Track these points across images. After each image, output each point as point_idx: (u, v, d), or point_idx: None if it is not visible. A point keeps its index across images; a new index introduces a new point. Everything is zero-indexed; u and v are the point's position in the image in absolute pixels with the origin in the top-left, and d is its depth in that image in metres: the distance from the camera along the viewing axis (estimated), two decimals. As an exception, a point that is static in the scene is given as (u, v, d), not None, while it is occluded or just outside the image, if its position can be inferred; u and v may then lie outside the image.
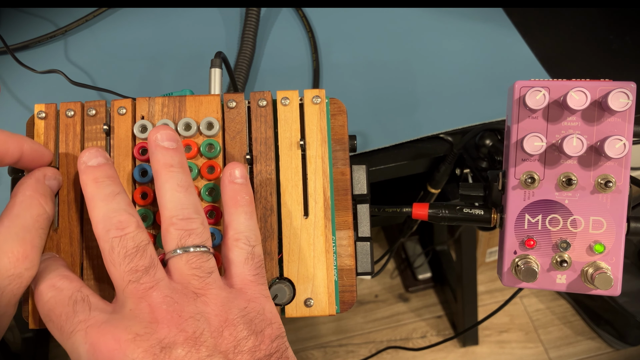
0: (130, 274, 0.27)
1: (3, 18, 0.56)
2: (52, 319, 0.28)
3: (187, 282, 0.28)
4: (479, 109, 0.49)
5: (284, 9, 0.57)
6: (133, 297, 0.27)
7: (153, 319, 0.26)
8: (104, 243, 0.28)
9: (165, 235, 0.29)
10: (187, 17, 0.56)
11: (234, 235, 0.31)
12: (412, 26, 0.55)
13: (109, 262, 0.28)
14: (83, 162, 0.30)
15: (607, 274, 0.34)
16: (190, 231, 0.29)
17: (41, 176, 0.32)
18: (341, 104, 0.36)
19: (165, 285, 0.28)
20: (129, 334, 0.26)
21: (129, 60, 0.53)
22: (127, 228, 0.28)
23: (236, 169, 0.32)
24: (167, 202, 0.30)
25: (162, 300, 0.27)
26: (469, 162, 0.47)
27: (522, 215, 0.35)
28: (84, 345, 0.26)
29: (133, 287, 0.27)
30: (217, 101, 0.35)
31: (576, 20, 0.56)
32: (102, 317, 0.27)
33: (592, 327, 1.24)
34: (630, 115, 0.33)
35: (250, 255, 0.30)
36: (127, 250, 0.28)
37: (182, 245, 0.29)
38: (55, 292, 0.28)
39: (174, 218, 0.29)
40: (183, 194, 0.30)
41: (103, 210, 0.29)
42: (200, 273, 0.28)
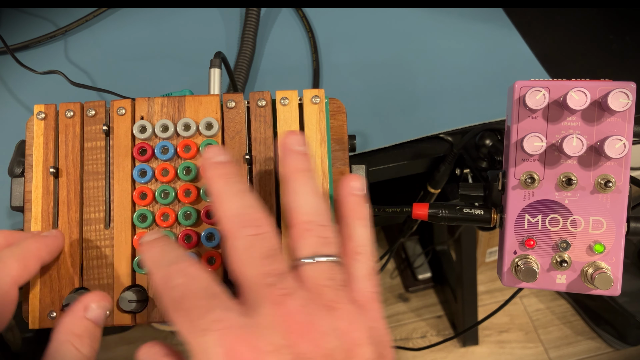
0: (267, 277, 0.26)
1: (3, 18, 0.56)
2: (182, 308, 0.25)
3: (321, 293, 0.27)
4: (479, 109, 0.49)
5: (284, 9, 0.57)
6: (268, 303, 0.25)
7: (290, 330, 0.25)
8: (237, 240, 0.27)
9: (299, 240, 0.28)
10: (187, 17, 0.56)
11: (355, 248, 0.29)
12: (412, 26, 0.55)
13: (242, 260, 0.26)
14: (208, 158, 0.29)
15: (607, 274, 0.34)
16: (327, 239, 0.28)
17: (80, 310, 0.29)
18: (340, 103, 0.36)
19: (300, 294, 0.26)
20: (268, 345, 0.24)
21: (128, 60, 0.53)
22: (263, 227, 0.27)
23: (355, 181, 0.31)
24: (303, 205, 0.28)
25: (298, 310, 0.25)
26: (469, 162, 0.47)
27: (522, 215, 0.35)
28: (217, 349, 0.24)
29: (269, 291, 0.26)
30: (216, 101, 0.35)
31: (576, 20, 0.56)
32: (238, 321, 0.25)
33: (592, 327, 1.24)
34: (630, 115, 0.33)
35: (371, 271, 0.29)
36: (264, 252, 0.26)
37: (319, 253, 0.27)
38: (187, 279, 0.26)
39: (312, 223, 0.28)
40: (319, 200, 0.29)
41: (236, 206, 0.27)
42: (335, 285, 0.27)
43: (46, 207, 0.34)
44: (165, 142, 0.34)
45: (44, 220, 0.34)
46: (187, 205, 0.34)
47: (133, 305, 0.33)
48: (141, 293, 0.33)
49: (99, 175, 0.35)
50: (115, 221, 0.34)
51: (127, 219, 0.34)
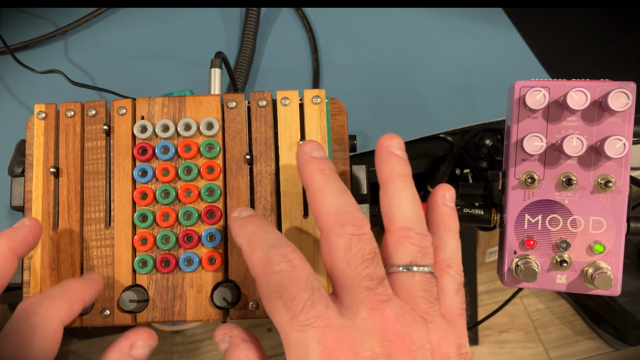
0: (367, 280, 0.25)
1: (3, 18, 0.56)
2: (282, 297, 0.25)
3: (416, 304, 0.26)
4: (479, 109, 0.49)
5: (284, 9, 0.57)
6: (367, 307, 0.25)
7: (386, 338, 0.25)
8: (338, 237, 0.26)
9: (397, 247, 0.27)
10: (187, 17, 0.56)
11: (445, 261, 0.29)
12: (412, 26, 0.55)
13: (341, 259, 0.26)
14: (306, 152, 0.29)
15: (607, 274, 0.34)
16: (425, 249, 0.28)
17: (127, 347, 0.28)
18: (341, 104, 0.36)
19: (396, 302, 0.26)
20: (367, 351, 0.24)
21: (129, 60, 0.53)
22: (364, 227, 0.26)
23: (448, 192, 0.31)
24: (403, 211, 0.28)
25: (395, 319, 0.25)
26: (469, 162, 0.47)
27: (522, 215, 0.35)
28: (317, 346, 0.24)
29: (368, 295, 0.25)
30: (217, 101, 0.35)
31: (576, 20, 0.56)
32: (338, 321, 0.25)
33: (592, 327, 1.24)
34: (630, 115, 0.33)
35: (460, 287, 0.29)
36: (365, 254, 0.26)
37: (416, 263, 0.27)
38: (289, 266, 0.25)
39: (411, 231, 0.27)
40: (418, 207, 0.28)
41: (335, 203, 0.27)
42: (430, 297, 0.27)
43: (46, 206, 0.34)
44: (165, 142, 0.35)
45: (44, 220, 0.34)
46: (187, 205, 0.34)
47: (133, 305, 0.33)
48: (141, 293, 0.33)
49: (100, 175, 0.35)
50: (115, 221, 0.34)
51: (127, 219, 0.34)
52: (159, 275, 0.34)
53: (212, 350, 1.17)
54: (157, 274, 0.34)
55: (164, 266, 0.33)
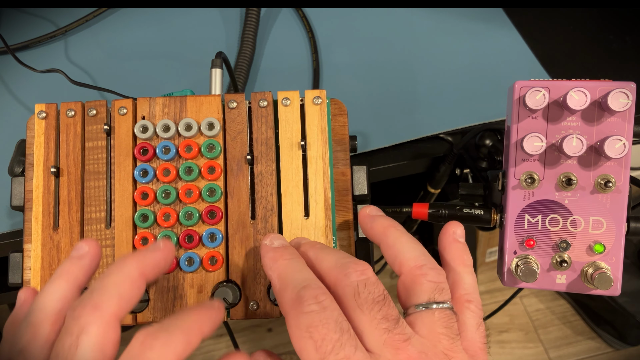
0: (384, 322, 0.26)
1: (3, 18, 0.56)
2: (312, 337, 0.25)
3: (437, 341, 0.27)
4: (479, 109, 0.49)
5: (284, 9, 0.57)
6: (389, 347, 0.25)
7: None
8: (345, 287, 0.27)
9: (413, 287, 0.28)
10: (187, 17, 0.56)
11: (465, 296, 0.30)
12: (412, 26, 0.55)
13: (353, 306, 0.26)
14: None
15: (607, 274, 0.34)
16: (441, 284, 0.28)
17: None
18: (342, 104, 0.36)
19: (418, 340, 0.26)
20: None
21: (129, 60, 0.53)
22: (367, 271, 0.27)
23: (457, 228, 0.32)
24: (409, 252, 0.29)
25: (418, 356, 0.25)
26: (469, 162, 0.48)
27: (522, 215, 0.35)
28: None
29: (388, 336, 0.26)
30: (217, 101, 0.35)
31: (576, 20, 0.56)
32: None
33: (592, 327, 1.24)
34: (630, 115, 0.34)
35: (481, 321, 0.29)
36: (375, 296, 0.26)
37: (435, 300, 0.27)
38: (319, 307, 0.26)
39: (424, 267, 0.28)
40: (421, 246, 0.29)
41: (334, 258, 0.28)
42: (451, 334, 0.27)
43: (47, 206, 0.34)
44: (166, 142, 0.35)
45: (44, 219, 0.34)
46: (188, 205, 0.34)
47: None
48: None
49: (100, 174, 0.35)
50: (116, 221, 0.34)
51: (128, 219, 0.34)
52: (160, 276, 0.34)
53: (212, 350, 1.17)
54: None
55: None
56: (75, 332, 0.25)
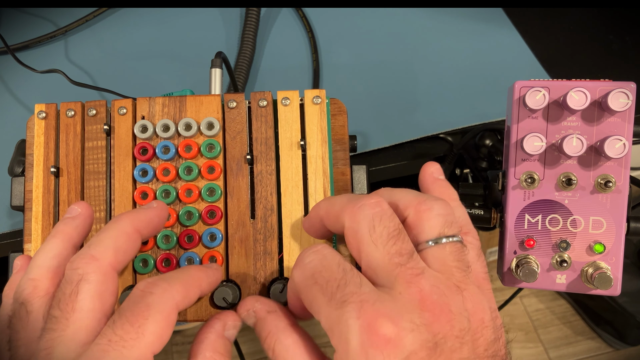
0: (397, 256, 0.26)
1: (3, 18, 0.56)
2: (317, 282, 0.25)
3: (450, 274, 0.26)
4: (479, 109, 0.49)
5: (284, 9, 0.57)
6: (401, 281, 0.25)
7: (424, 308, 0.25)
8: (361, 221, 0.26)
9: (421, 223, 0.27)
10: (187, 17, 0.56)
11: (461, 230, 0.29)
12: (412, 26, 0.55)
13: (368, 242, 0.26)
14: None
15: (607, 274, 0.34)
16: (449, 217, 0.27)
17: (221, 329, 0.29)
18: (341, 104, 0.36)
19: (430, 274, 0.26)
20: (407, 322, 0.24)
21: (129, 60, 0.53)
22: (381, 203, 0.27)
23: (433, 167, 0.32)
24: (406, 194, 0.28)
25: (431, 290, 0.25)
26: (469, 162, 0.48)
27: (522, 215, 0.35)
28: (356, 320, 0.24)
29: (401, 270, 0.25)
30: (217, 101, 0.35)
31: (576, 20, 0.56)
32: (374, 295, 0.25)
33: (592, 327, 1.24)
34: (630, 115, 0.34)
35: (480, 251, 0.29)
36: (390, 231, 0.26)
37: (445, 234, 0.27)
38: (319, 256, 0.26)
39: (428, 201, 0.27)
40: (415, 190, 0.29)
41: (346, 197, 0.28)
42: (463, 266, 0.27)
43: (47, 206, 0.34)
44: (166, 141, 0.35)
45: (44, 219, 0.34)
46: (188, 205, 0.34)
47: (134, 304, 0.33)
48: (142, 293, 0.33)
49: (100, 174, 0.35)
50: (116, 221, 0.34)
51: (127, 219, 0.34)
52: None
53: (212, 350, 1.17)
54: (158, 274, 0.34)
55: (165, 266, 0.34)
56: (75, 280, 0.26)
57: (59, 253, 0.30)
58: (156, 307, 0.26)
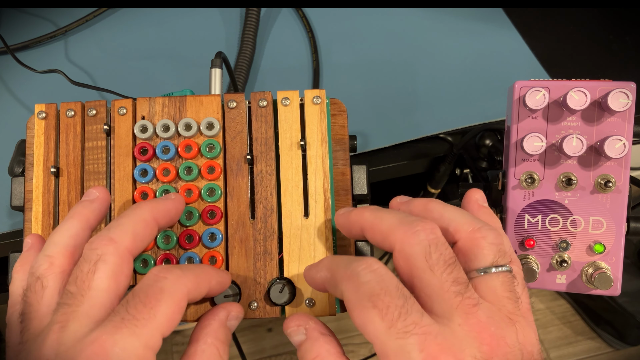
0: (455, 285, 0.25)
1: (3, 18, 0.56)
2: (376, 306, 0.24)
3: (502, 305, 0.26)
4: (479, 109, 0.49)
5: (284, 9, 0.57)
6: (460, 312, 0.25)
7: (483, 342, 0.24)
8: (415, 246, 0.26)
9: (475, 251, 0.27)
10: (187, 17, 0.56)
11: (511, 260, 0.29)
12: (412, 26, 0.55)
13: (424, 268, 0.25)
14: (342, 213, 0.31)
15: (607, 274, 0.34)
16: (502, 247, 0.27)
17: (224, 318, 0.30)
18: (341, 104, 0.36)
19: (485, 305, 0.26)
20: (468, 357, 0.24)
21: (129, 60, 0.53)
22: (436, 231, 0.26)
23: (479, 194, 0.32)
24: (461, 217, 0.28)
25: (488, 322, 0.25)
26: (469, 162, 0.48)
27: (522, 215, 0.35)
28: (419, 354, 0.23)
29: (459, 300, 0.25)
30: (217, 101, 0.35)
31: (576, 20, 0.56)
32: (436, 328, 0.24)
33: (592, 327, 1.24)
34: (630, 115, 0.34)
35: (524, 281, 0.29)
36: (447, 259, 0.25)
37: (497, 264, 0.27)
38: (376, 276, 0.25)
39: (482, 229, 0.27)
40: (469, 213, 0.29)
41: (395, 217, 0.27)
42: (514, 297, 0.27)
43: (47, 206, 0.34)
44: (166, 142, 0.35)
45: (44, 219, 0.34)
46: (188, 205, 0.34)
47: (134, 304, 0.33)
48: (142, 293, 0.33)
49: (100, 175, 0.35)
50: (116, 221, 0.34)
51: (127, 219, 0.34)
52: (160, 275, 0.34)
53: (212, 350, 1.17)
54: (158, 274, 0.34)
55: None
56: (94, 260, 0.27)
57: (76, 233, 0.30)
58: (169, 291, 0.26)
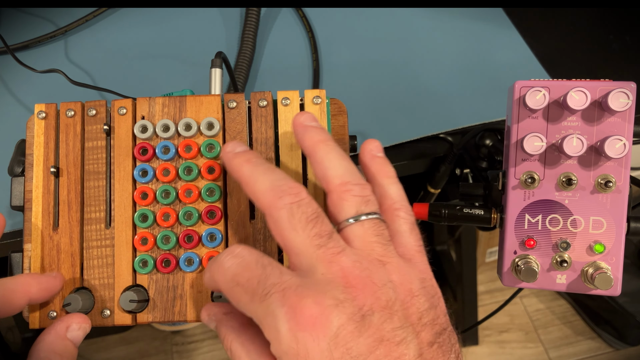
0: (317, 239, 0.26)
1: (3, 18, 0.56)
2: (239, 283, 0.26)
3: (370, 249, 0.27)
4: (479, 109, 0.49)
5: (284, 9, 0.57)
6: (323, 261, 0.26)
7: (348, 284, 0.25)
8: (279, 210, 0.27)
9: (340, 203, 0.28)
10: (187, 17, 0.56)
11: (393, 205, 0.30)
12: (412, 26, 0.55)
13: (289, 228, 0.27)
14: (229, 151, 0.30)
15: (607, 274, 0.34)
16: (367, 197, 0.28)
17: (63, 329, 0.31)
18: (342, 104, 0.36)
19: (351, 251, 0.27)
20: (330, 299, 0.24)
21: (129, 60, 0.53)
22: (301, 193, 0.27)
23: (373, 144, 0.32)
24: (335, 170, 0.29)
25: (352, 265, 0.26)
26: (469, 162, 0.47)
27: (522, 215, 0.35)
28: (281, 308, 0.24)
29: (322, 251, 0.26)
30: (217, 101, 0.35)
31: (576, 20, 0.56)
32: (295, 281, 0.25)
33: (592, 327, 1.24)
34: (630, 115, 0.34)
35: (413, 226, 0.30)
36: (308, 216, 0.27)
37: (362, 212, 0.28)
38: (237, 259, 0.27)
39: (349, 184, 0.28)
40: (348, 162, 0.29)
41: (268, 181, 0.28)
42: (382, 240, 0.28)
43: (46, 206, 0.34)
44: (166, 142, 0.35)
45: (44, 219, 0.34)
46: (188, 205, 0.34)
47: (134, 305, 0.33)
48: (142, 293, 0.33)
49: (100, 174, 0.35)
50: (116, 221, 0.34)
51: (127, 219, 0.34)
52: (160, 276, 0.34)
53: (212, 350, 1.17)
54: (158, 274, 0.34)
55: (165, 266, 0.34)
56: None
57: None
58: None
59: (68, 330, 0.31)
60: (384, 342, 0.24)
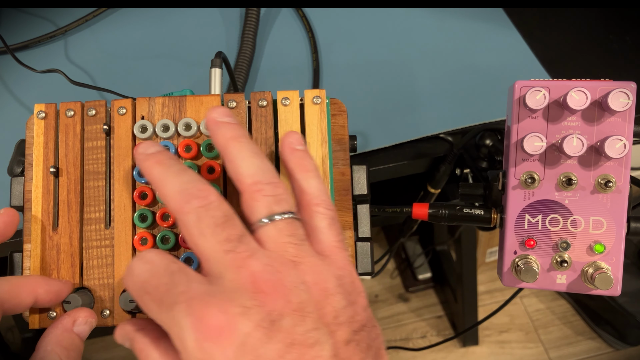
0: (225, 243, 0.25)
1: (3, 18, 0.56)
2: (148, 292, 0.25)
3: (283, 250, 0.26)
4: (479, 109, 0.49)
5: (284, 9, 0.57)
6: (232, 267, 0.25)
7: (257, 289, 0.25)
8: (187, 215, 0.26)
9: (251, 203, 0.27)
10: (187, 17, 0.56)
11: (311, 201, 0.29)
12: (412, 26, 0.55)
13: (197, 234, 0.26)
14: (141, 152, 0.29)
15: (607, 274, 0.34)
16: (279, 196, 0.27)
17: (69, 323, 0.30)
18: (341, 104, 0.36)
19: (262, 254, 0.26)
20: (236, 307, 0.24)
21: (129, 60, 0.53)
22: (210, 196, 0.26)
23: (293, 137, 0.31)
24: (246, 168, 0.28)
25: (263, 269, 0.25)
26: (469, 162, 0.47)
27: (522, 215, 0.35)
28: (186, 318, 0.24)
29: (230, 256, 0.25)
30: (217, 101, 0.35)
31: (576, 20, 0.56)
32: (203, 288, 0.25)
33: (592, 327, 1.24)
34: (630, 115, 0.33)
35: (332, 221, 0.29)
36: (217, 220, 0.26)
37: (274, 212, 0.27)
38: (147, 265, 0.26)
39: (260, 184, 0.27)
40: (260, 160, 0.28)
41: (177, 183, 0.27)
42: (296, 240, 0.27)
43: (46, 206, 0.34)
44: (166, 142, 0.35)
45: (43, 219, 0.34)
46: (187, 205, 0.34)
47: (133, 305, 0.33)
48: (141, 293, 0.33)
49: (100, 174, 0.35)
50: (115, 221, 0.34)
51: (127, 219, 0.34)
52: (159, 275, 0.34)
53: (212, 350, 1.17)
54: (157, 274, 0.34)
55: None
56: None
57: None
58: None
59: (75, 324, 0.30)
60: (296, 345, 0.24)
